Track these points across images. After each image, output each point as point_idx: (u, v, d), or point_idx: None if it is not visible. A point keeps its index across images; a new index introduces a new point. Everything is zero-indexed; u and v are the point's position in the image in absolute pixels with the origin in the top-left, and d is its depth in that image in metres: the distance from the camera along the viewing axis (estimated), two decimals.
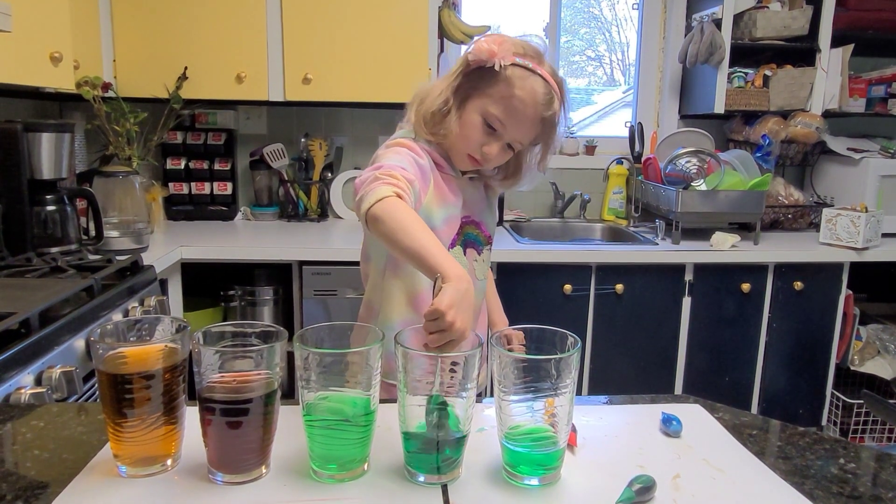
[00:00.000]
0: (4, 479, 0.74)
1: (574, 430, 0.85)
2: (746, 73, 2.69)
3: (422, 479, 0.75)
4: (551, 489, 0.75)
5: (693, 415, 0.94)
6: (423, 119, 1.17)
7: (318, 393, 0.74)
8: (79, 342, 1.33)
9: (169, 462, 0.77)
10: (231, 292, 2.48)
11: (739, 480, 0.77)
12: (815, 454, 0.84)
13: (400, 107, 1.28)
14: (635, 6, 3.07)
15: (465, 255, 1.23)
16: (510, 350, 0.91)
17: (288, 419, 0.80)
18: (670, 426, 0.89)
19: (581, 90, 3.60)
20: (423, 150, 1.15)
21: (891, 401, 2.25)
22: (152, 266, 1.83)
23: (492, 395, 0.78)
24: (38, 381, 1.17)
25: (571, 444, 0.83)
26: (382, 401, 0.78)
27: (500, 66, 1.09)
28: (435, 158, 1.17)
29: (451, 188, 1.19)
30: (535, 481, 0.75)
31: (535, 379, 0.73)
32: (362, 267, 1.30)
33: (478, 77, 1.13)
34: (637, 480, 0.74)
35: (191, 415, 0.77)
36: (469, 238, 1.24)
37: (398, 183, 1.00)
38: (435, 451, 0.74)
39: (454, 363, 0.74)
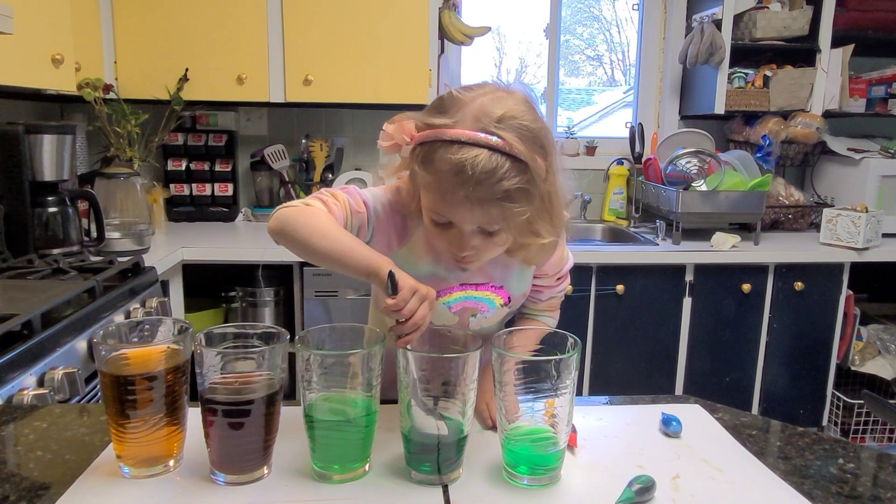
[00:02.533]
0: (8, 480, 0.74)
1: (574, 430, 0.85)
2: (747, 74, 2.69)
3: (422, 479, 0.76)
4: (551, 489, 0.75)
5: (693, 415, 0.94)
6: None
7: (319, 394, 0.75)
8: (80, 343, 1.34)
9: (171, 463, 0.77)
10: (232, 293, 2.49)
11: (739, 480, 0.78)
12: (814, 454, 0.84)
13: (400, 108, 1.26)
14: (635, 6, 3.07)
15: (451, 310, 1.02)
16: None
17: (289, 420, 0.80)
18: (670, 426, 0.89)
19: (581, 90, 3.61)
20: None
21: (891, 401, 2.25)
22: (154, 267, 1.83)
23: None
24: (41, 383, 1.18)
25: (571, 445, 0.83)
26: (383, 402, 0.78)
27: (406, 154, 0.88)
28: None
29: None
30: (535, 482, 0.76)
31: (535, 380, 0.73)
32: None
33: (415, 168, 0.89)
34: (637, 481, 0.74)
35: (193, 416, 0.78)
36: (472, 300, 1.03)
37: (321, 196, 0.89)
38: (436, 451, 0.74)
39: (445, 383, 0.74)
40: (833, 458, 0.83)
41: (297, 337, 0.75)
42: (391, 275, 0.78)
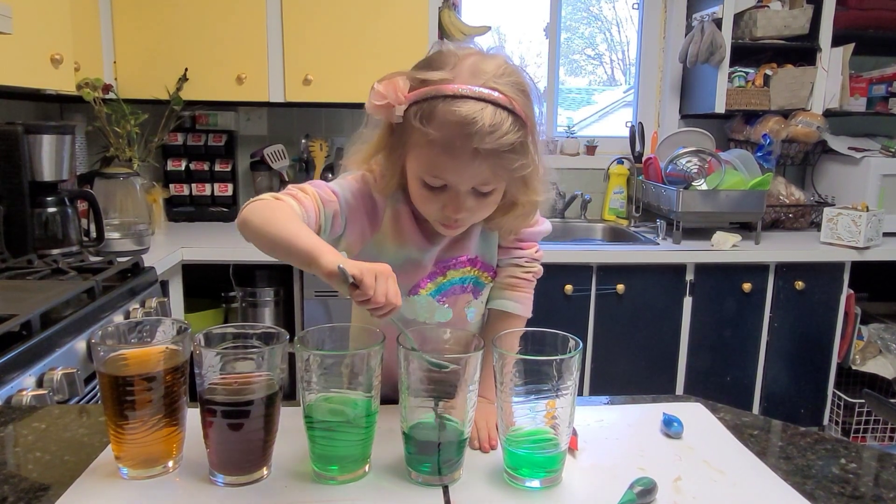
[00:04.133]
0: (6, 481, 0.74)
1: (575, 433, 0.85)
2: (747, 73, 2.69)
3: (422, 480, 0.75)
4: (552, 492, 0.75)
5: (694, 415, 0.94)
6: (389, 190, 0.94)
7: (319, 394, 0.74)
8: (80, 344, 1.33)
9: (170, 464, 0.77)
10: (232, 293, 2.48)
11: (740, 482, 0.77)
12: (816, 454, 0.84)
13: None
14: (635, 6, 3.07)
15: (439, 301, 0.99)
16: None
17: (289, 420, 0.80)
18: (671, 427, 0.89)
19: (581, 90, 3.60)
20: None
21: (892, 400, 2.24)
22: (153, 268, 1.83)
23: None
24: (40, 383, 1.17)
25: (572, 448, 0.83)
26: (383, 402, 0.78)
27: (400, 114, 0.85)
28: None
29: (424, 231, 0.96)
30: (536, 483, 0.75)
31: (536, 381, 0.73)
32: None
33: (399, 131, 0.88)
34: (638, 483, 0.74)
35: (192, 416, 0.77)
36: (462, 283, 1.00)
37: (289, 191, 0.86)
38: (436, 452, 0.74)
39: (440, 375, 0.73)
40: (835, 458, 0.83)
41: (296, 337, 0.75)
42: (342, 270, 0.72)
